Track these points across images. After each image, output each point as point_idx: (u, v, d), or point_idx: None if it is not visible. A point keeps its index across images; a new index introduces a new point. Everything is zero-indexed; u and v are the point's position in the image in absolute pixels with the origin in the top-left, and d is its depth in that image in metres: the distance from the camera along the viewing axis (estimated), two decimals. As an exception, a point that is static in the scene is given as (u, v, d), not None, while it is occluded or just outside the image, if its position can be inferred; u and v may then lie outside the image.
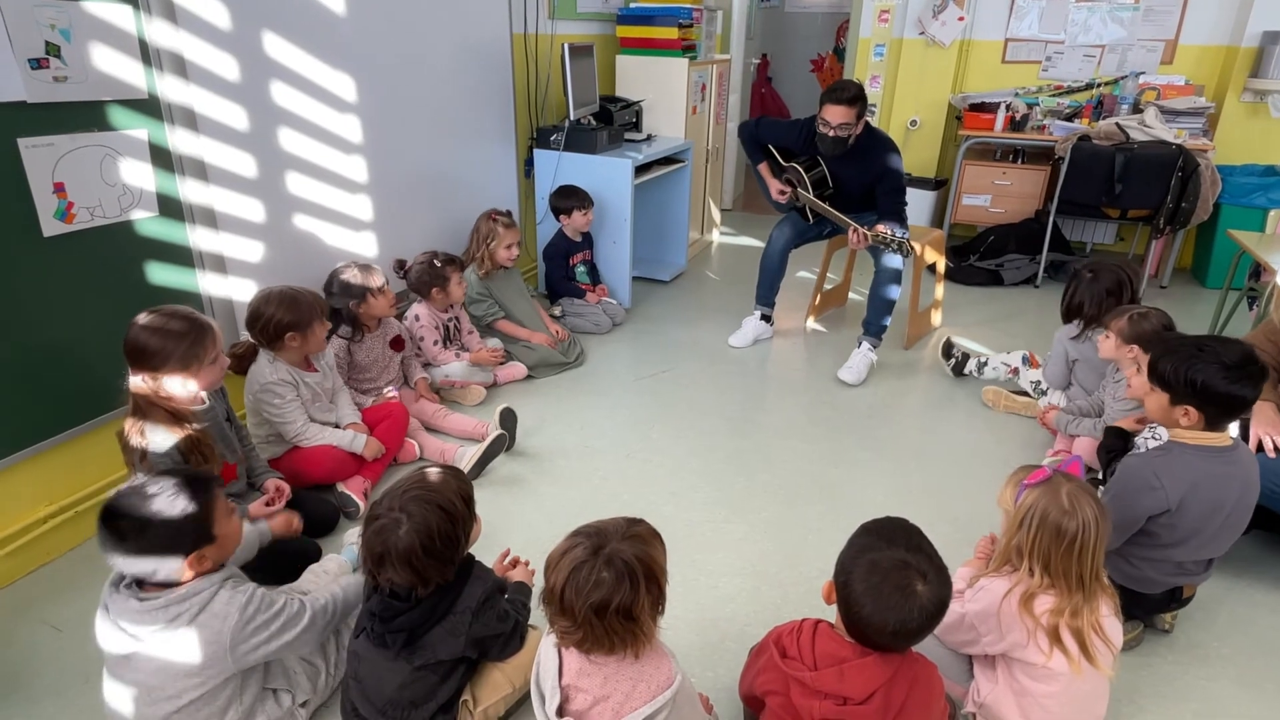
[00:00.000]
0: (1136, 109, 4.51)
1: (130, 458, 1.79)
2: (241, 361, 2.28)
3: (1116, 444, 2.19)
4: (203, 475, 1.52)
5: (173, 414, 1.83)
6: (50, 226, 1.91)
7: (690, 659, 1.83)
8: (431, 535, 1.38)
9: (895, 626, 1.17)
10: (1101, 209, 4.29)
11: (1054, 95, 4.93)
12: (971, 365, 3.24)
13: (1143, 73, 4.68)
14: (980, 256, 4.66)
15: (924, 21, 4.95)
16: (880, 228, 3.14)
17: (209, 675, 1.41)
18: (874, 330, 3.33)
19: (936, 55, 5.04)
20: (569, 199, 3.55)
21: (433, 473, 1.48)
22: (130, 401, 1.80)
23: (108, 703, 1.45)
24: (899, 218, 3.25)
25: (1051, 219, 4.37)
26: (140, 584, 1.41)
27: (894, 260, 3.21)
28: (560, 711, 1.23)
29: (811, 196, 3.32)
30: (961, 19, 4.89)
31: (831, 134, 3.10)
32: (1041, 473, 1.52)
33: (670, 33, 4.22)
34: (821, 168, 3.37)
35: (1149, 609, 1.84)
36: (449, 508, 1.41)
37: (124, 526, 1.34)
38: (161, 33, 2.09)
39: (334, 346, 2.57)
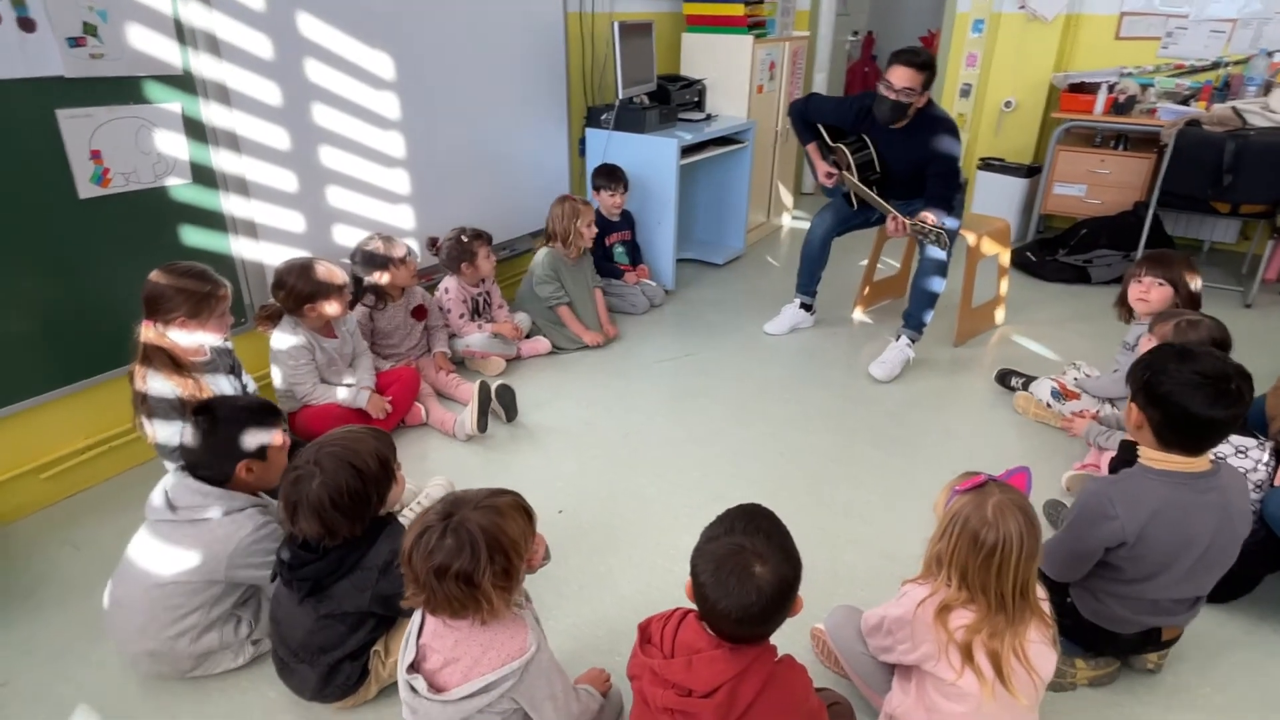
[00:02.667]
0: (1268, 91, 3.99)
1: (134, 399, 1.99)
2: (270, 321, 2.47)
3: (1130, 458, 1.99)
4: (274, 407, 1.80)
5: (175, 363, 2.01)
6: (86, 190, 2.13)
7: (624, 637, 1.83)
8: (341, 491, 1.45)
9: (738, 613, 1.13)
10: (1209, 203, 3.83)
11: (1172, 75, 4.44)
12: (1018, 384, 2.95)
13: (1279, 50, 4.12)
14: (1069, 251, 4.29)
15: (1024, -6, 4.57)
16: (925, 215, 2.96)
17: (201, 571, 1.60)
18: (913, 324, 3.15)
19: (1038, 31, 4.65)
20: (598, 178, 3.56)
21: (355, 431, 1.55)
22: (139, 349, 1.99)
23: (118, 569, 1.67)
24: (947, 204, 3.05)
25: (1151, 212, 3.96)
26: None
27: (938, 251, 3.01)
28: (414, 668, 1.27)
29: (855, 180, 3.16)
30: (1068, -10, 4.48)
31: (893, 97, 2.92)
32: (977, 479, 1.41)
33: (736, 9, 4.11)
34: (869, 150, 3.21)
35: (1123, 650, 1.67)
36: (362, 466, 1.48)
37: (205, 421, 1.66)
38: (196, 13, 2.27)
39: (357, 313, 2.73)
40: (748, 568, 1.12)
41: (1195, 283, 2.32)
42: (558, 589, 1.97)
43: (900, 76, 2.89)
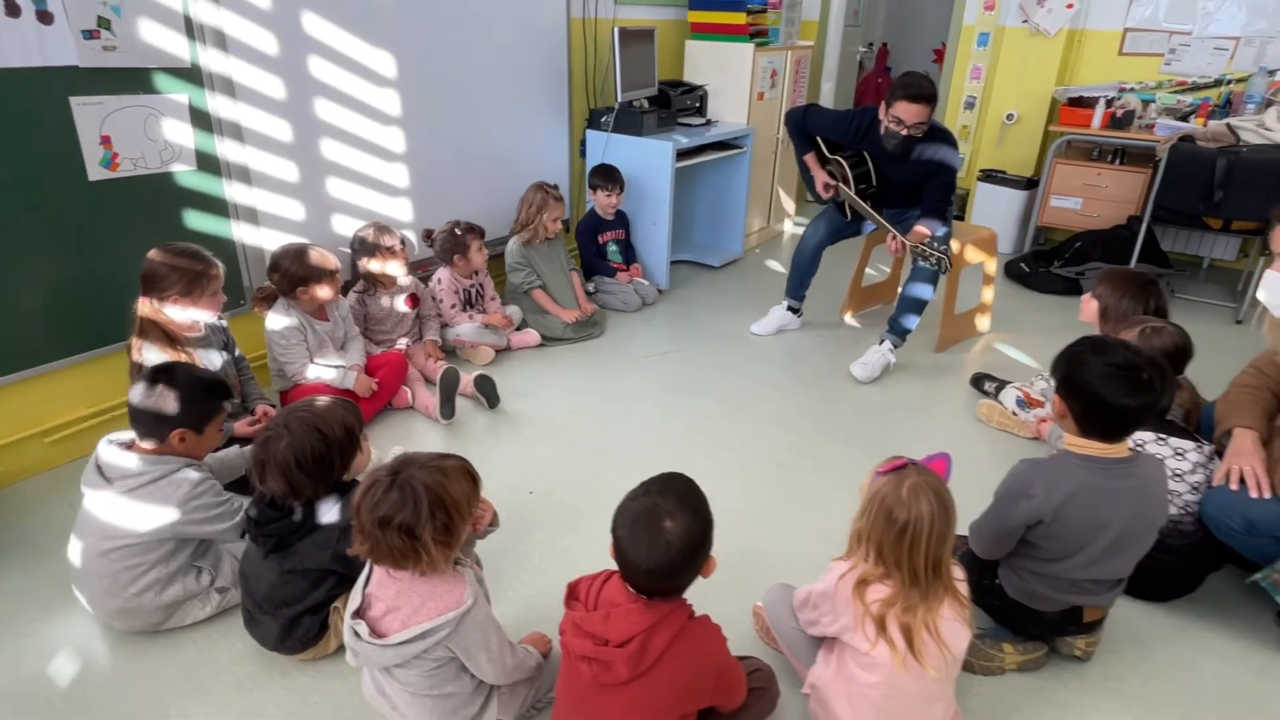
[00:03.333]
0: (1266, 109, 4.01)
1: (131, 370, 2.13)
2: (266, 303, 2.60)
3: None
4: (224, 384, 1.88)
5: (170, 337, 2.14)
6: (95, 173, 2.27)
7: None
8: (306, 452, 1.56)
9: (649, 564, 1.22)
10: (1201, 218, 3.86)
11: (1174, 91, 4.46)
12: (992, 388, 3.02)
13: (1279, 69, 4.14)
14: (1064, 263, 4.33)
15: (1026, 8, 4.63)
16: (920, 228, 3.03)
17: (149, 532, 1.69)
18: (897, 329, 3.22)
19: (1041, 45, 4.69)
20: (595, 177, 3.68)
21: (324, 400, 1.66)
22: (136, 322, 2.13)
23: (74, 532, 1.76)
24: (941, 215, 3.11)
25: (1144, 227, 3.99)
26: (124, 444, 1.74)
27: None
28: (359, 614, 1.37)
29: (853, 194, 3.22)
30: (1070, 6, 4.52)
31: (905, 133, 2.96)
32: (898, 462, 1.49)
33: (738, 18, 4.21)
34: (866, 165, 3.27)
35: (1046, 628, 1.73)
36: (327, 431, 1.59)
37: (162, 382, 1.70)
38: (205, 10, 2.41)
39: (350, 298, 2.86)
40: (659, 524, 1.22)
41: (1139, 299, 2.34)
42: (519, 563, 2.07)
43: (912, 113, 2.91)
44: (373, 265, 2.84)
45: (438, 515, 1.30)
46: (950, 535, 1.42)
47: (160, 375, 1.74)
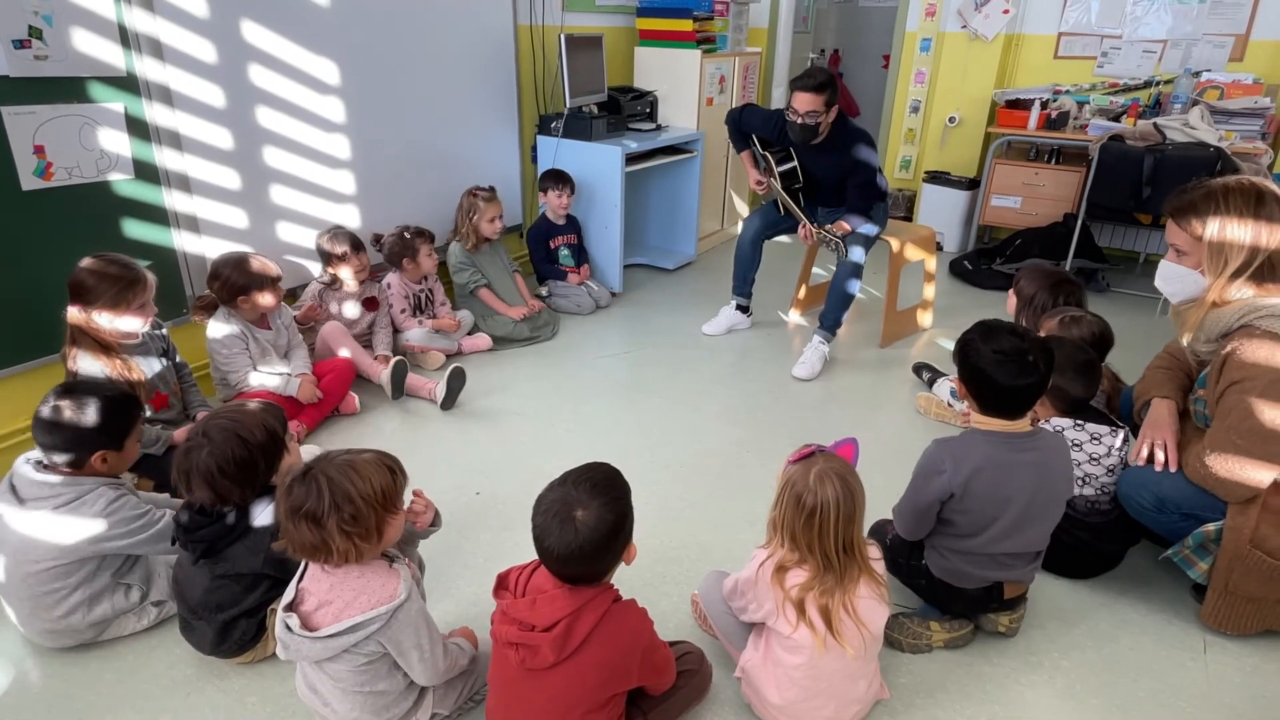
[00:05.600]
0: (1192, 109, 4.18)
1: (67, 379, 2.10)
2: (206, 311, 2.58)
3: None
4: (134, 396, 1.84)
5: (102, 345, 2.13)
6: (29, 182, 2.25)
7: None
8: (228, 458, 1.56)
9: (560, 551, 1.26)
10: (1133, 214, 4.01)
11: (1107, 93, 4.63)
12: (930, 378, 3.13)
13: (1205, 70, 4.32)
14: (1005, 260, 4.46)
15: (965, 14, 4.77)
16: (841, 223, 3.15)
17: (65, 551, 1.66)
18: (827, 324, 3.32)
19: (980, 49, 4.84)
20: (545, 180, 3.73)
21: (249, 405, 1.67)
22: (68, 330, 2.11)
23: None
24: (865, 213, 3.22)
25: (1079, 223, 4.13)
26: (41, 463, 1.71)
27: (855, 253, 3.17)
28: (291, 607, 1.39)
29: (778, 186, 3.33)
30: (1007, 11, 4.67)
31: (800, 121, 3.09)
32: (806, 450, 1.55)
33: (685, 25, 4.28)
34: (794, 161, 3.37)
35: (969, 606, 1.80)
36: (249, 437, 1.59)
37: (62, 406, 1.67)
38: (140, 19, 2.40)
39: (310, 292, 2.90)
40: (570, 513, 1.26)
41: (1053, 294, 2.45)
42: (464, 561, 2.10)
43: (803, 102, 3.06)
44: (332, 269, 2.87)
45: (344, 507, 1.31)
46: (857, 517, 1.48)
47: (68, 397, 1.69)
